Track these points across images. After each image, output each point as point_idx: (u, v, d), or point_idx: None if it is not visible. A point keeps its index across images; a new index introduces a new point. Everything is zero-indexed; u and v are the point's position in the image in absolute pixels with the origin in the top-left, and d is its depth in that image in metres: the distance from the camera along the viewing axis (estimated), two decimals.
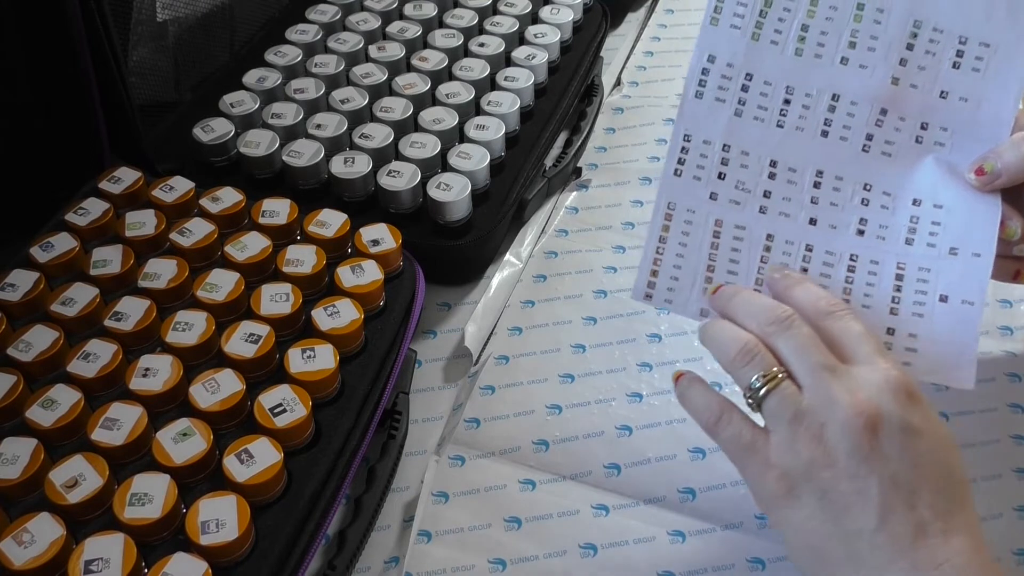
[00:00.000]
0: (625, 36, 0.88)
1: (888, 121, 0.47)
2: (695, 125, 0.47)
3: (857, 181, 0.47)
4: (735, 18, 0.47)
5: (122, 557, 0.39)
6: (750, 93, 0.47)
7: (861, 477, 0.37)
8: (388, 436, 0.51)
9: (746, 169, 0.47)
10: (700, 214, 0.47)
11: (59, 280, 0.52)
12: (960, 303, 0.44)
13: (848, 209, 0.47)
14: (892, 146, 0.47)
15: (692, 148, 0.47)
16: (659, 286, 0.47)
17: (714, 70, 0.47)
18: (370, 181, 0.61)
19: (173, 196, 0.57)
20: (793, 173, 0.47)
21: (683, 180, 0.47)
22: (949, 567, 0.35)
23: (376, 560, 0.48)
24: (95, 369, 0.47)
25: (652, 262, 0.47)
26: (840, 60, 0.47)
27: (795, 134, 0.47)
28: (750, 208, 0.47)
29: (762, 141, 0.47)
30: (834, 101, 0.47)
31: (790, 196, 0.47)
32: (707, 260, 0.47)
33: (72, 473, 0.42)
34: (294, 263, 0.53)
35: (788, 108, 0.47)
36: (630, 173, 0.71)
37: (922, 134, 0.47)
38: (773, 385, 0.40)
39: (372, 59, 0.71)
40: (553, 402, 0.55)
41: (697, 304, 0.47)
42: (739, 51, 0.47)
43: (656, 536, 0.48)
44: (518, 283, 0.63)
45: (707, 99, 0.47)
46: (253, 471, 0.43)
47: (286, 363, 0.48)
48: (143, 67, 0.65)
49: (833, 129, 0.47)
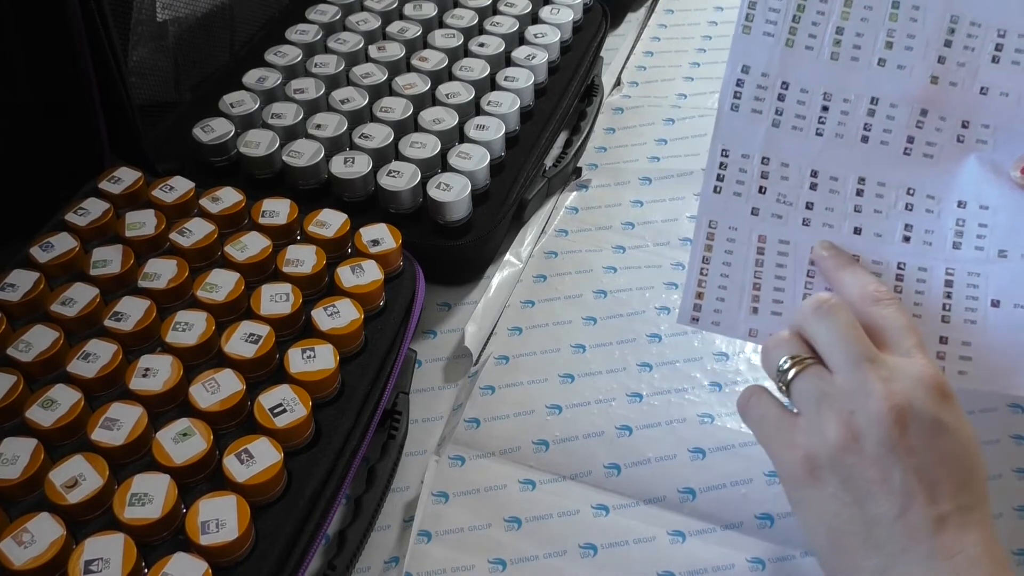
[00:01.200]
0: (625, 36, 0.88)
1: (928, 122, 0.46)
2: (732, 139, 0.46)
3: (900, 186, 0.46)
4: (768, 25, 0.46)
5: (122, 557, 0.39)
6: (787, 102, 0.46)
7: (886, 466, 0.37)
8: (388, 436, 0.51)
9: (787, 181, 0.46)
10: (743, 231, 0.46)
11: (59, 280, 0.52)
12: (1013, 307, 0.43)
13: (892, 216, 0.46)
14: (934, 147, 0.46)
15: (731, 163, 0.46)
16: (705, 308, 0.46)
17: (749, 81, 0.46)
18: (370, 181, 0.61)
19: (173, 196, 0.57)
20: (835, 182, 0.46)
21: (723, 197, 0.46)
22: (963, 557, 0.36)
23: (376, 560, 0.48)
24: (95, 369, 0.47)
25: (697, 283, 0.46)
26: (877, 62, 0.45)
27: (835, 141, 0.46)
28: (793, 221, 0.46)
29: (802, 151, 0.46)
30: (873, 105, 0.46)
31: (833, 206, 0.46)
32: (752, 278, 0.46)
33: (72, 473, 0.42)
34: (294, 263, 0.53)
35: (826, 115, 0.46)
36: (630, 173, 0.71)
37: (963, 133, 0.45)
38: (801, 368, 0.40)
39: (372, 59, 0.71)
40: (553, 402, 0.55)
41: (746, 324, 0.46)
42: (774, 59, 0.46)
43: (656, 536, 0.48)
44: (518, 283, 0.63)
45: (743, 111, 0.46)
46: (253, 471, 0.43)
47: (286, 363, 0.48)
48: (143, 67, 0.65)
49: (873, 134, 0.46)
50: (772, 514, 0.49)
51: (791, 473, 0.40)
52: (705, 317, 0.46)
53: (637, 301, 0.61)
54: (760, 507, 0.49)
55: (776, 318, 0.46)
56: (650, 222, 0.67)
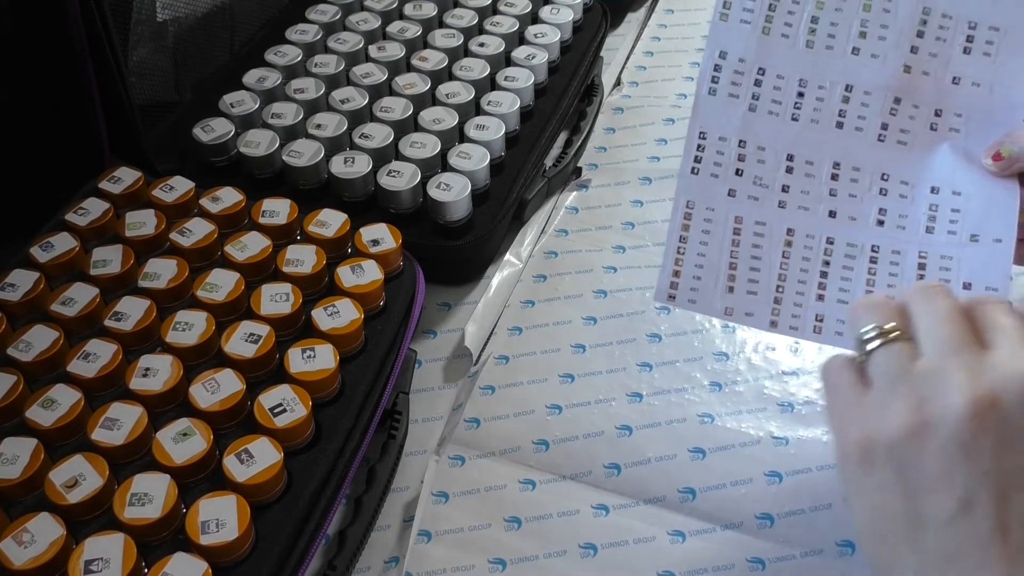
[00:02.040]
0: (625, 36, 0.88)
1: (902, 110, 0.47)
2: (710, 122, 0.47)
3: (874, 171, 0.47)
4: (745, 12, 0.47)
5: (122, 557, 0.39)
6: (763, 87, 0.47)
7: (951, 464, 0.34)
8: (388, 436, 0.51)
9: (763, 164, 0.47)
10: (719, 212, 0.47)
11: (59, 280, 0.52)
12: (984, 290, 0.44)
13: (867, 200, 0.47)
14: (907, 134, 0.47)
15: (708, 146, 0.47)
16: (682, 286, 0.47)
17: (726, 66, 0.47)
18: (370, 181, 0.61)
19: (173, 196, 0.57)
20: (810, 166, 0.47)
21: (700, 178, 0.47)
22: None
23: (376, 560, 0.48)
24: (95, 369, 0.47)
25: (674, 262, 0.47)
26: (852, 51, 0.47)
27: (810, 127, 0.47)
28: (769, 203, 0.47)
29: (778, 135, 0.47)
30: (847, 92, 0.47)
31: (808, 189, 0.47)
32: (729, 257, 0.47)
33: (72, 473, 0.42)
34: (294, 263, 0.53)
35: (802, 101, 0.47)
36: (630, 173, 0.71)
37: (936, 121, 0.47)
38: (886, 340, 0.37)
39: (372, 59, 0.71)
40: (553, 402, 0.55)
41: (721, 303, 0.47)
42: (750, 46, 0.47)
43: (656, 536, 0.48)
44: (518, 283, 0.63)
45: (720, 95, 0.47)
46: (253, 471, 0.43)
47: (286, 363, 0.48)
48: (143, 67, 0.65)
49: (848, 120, 0.47)
50: (772, 514, 0.49)
51: (844, 451, 0.37)
52: (682, 295, 0.47)
53: (637, 301, 0.61)
54: (760, 507, 0.49)
55: (752, 297, 0.47)
56: (650, 222, 0.67)
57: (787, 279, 0.46)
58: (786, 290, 0.46)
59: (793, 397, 0.54)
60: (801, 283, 0.46)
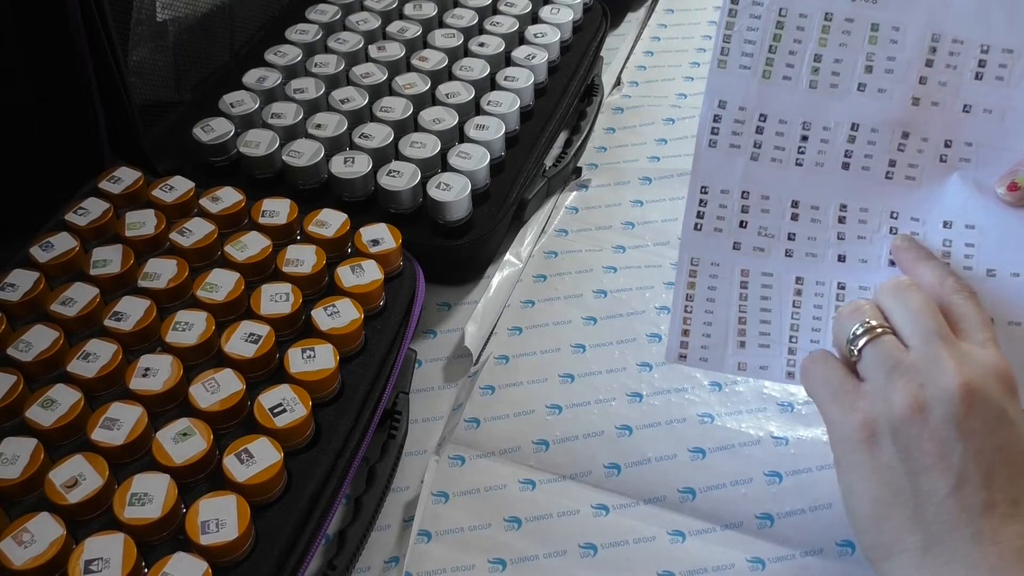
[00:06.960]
0: (625, 36, 0.88)
1: (910, 144, 0.45)
2: (711, 176, 0.46)
3: (883, 210, 0.45)
4: (744, 58, 0.45)
5: (122, 557, 0.39)
6: (765, 135, 0.45)
7: (947, 443, 0.37)
8: (388, 436, 0.51)
9: (767, 214, 0.46)
10: (725, 266, 0.46)
11: (59, 280, 0.52)
12: (1006, 324, 0.43)
13: (876, 241, 0.45)
14: (916, 169, 0.45)
15: (710, 200, 0.46)
16: (692, 345, 0.46)
17: (726, 116, 0.45)
18: (370, 181, 0.61)
19: (173, 196, 0.57)
20: (816, 211, 0.45)
21: (704, 234, 0.46)
22: (1007, 546, 0.36)
23: (376, 560, 0.48)
24: (95, 369, 0.47)
25: (682, 321, 0.46)
26: (857, 87, 0.44)
27: (815, 170, 0.45)
28: (776, 253, 0.46)
29: (781, 182, 0.45)
30: (853, 131, 0.45)
31: (815, 235, 0.45)
32: (737, 312, 0.46)
33: (72, 473, 0.42)
34: (294, 263, 0.53)
35: (806, 145, 0.45)
36: (630, 173, 0.71)
37: (946, 152, 0.45)
38: (872, 336, 0.40)
39: (372, 59, 0.71)
40: (553, 402, 0.55)
41: (734, 359, 0.46)
42: (751, 92, 0.45)
43: (656, 536, 0.48)
44: (518, 283, 0.63)
45: (721, 147, 0.45)
46: (253, 471, 0.43)
47: (286, 363, 0.48)
48: (143, 67, 0.65)
49: (854, 160, 0.45)
50: (772, 514, 0.49)
51: (846, 436, 0.40)
52: (692, 354, 0.46)
53: (637, 301, 0.61)
54: (760, 507, 0.49)
55: (764, 350, 0.46)
56: (650, 222, 0.67)
57: (800, 328, 0.46)
58: (799, 340, 0.46)
59: (793, 397, 0.54)
60: (815, 331, 0.46)
